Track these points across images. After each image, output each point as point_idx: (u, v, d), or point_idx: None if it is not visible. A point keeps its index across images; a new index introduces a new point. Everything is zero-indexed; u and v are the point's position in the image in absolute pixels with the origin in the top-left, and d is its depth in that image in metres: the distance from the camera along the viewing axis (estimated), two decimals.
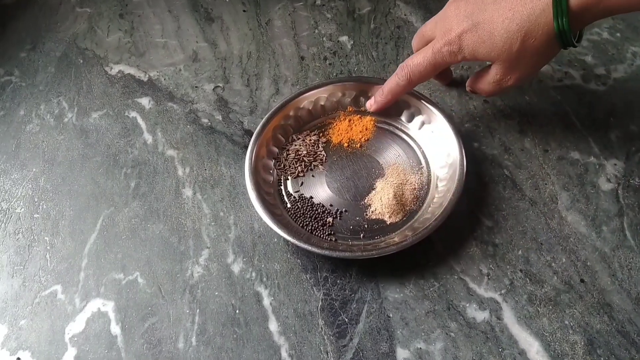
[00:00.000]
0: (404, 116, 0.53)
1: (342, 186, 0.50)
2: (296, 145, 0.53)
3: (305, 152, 0.52)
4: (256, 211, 0.46)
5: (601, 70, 0.58)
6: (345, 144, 0.53)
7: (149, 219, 0.50)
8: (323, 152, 0.52)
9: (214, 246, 0.48)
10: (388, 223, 0.48)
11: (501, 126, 0.54)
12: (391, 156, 0.52)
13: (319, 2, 0.67)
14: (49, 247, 0.48)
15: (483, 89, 0.49)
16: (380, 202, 0.48)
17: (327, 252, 0.44)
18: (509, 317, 0.43)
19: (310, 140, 0.53)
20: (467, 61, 0.57)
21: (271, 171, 0.51)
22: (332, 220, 0.48)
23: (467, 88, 0.52)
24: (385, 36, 0.63)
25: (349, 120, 0.54)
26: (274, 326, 0.43)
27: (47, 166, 0.54)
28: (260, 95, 0.58)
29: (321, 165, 0.52)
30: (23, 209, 0.51)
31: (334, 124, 0.54)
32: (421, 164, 0.51)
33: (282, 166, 0.52)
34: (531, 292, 0.44)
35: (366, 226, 0.48)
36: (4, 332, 0.44)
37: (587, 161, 0.51)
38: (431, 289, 0.45)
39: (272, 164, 0.52)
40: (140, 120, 0.57)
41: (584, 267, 0.45)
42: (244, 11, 0.67)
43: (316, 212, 0.48)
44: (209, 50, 0.63)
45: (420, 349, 0.42)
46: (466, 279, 0.45)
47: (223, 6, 0.68)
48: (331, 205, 0.49)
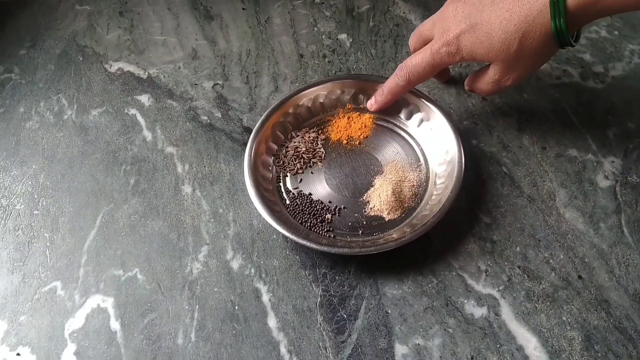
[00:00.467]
0: (402, 113, 0.54)
1: (341, 183, 0.50)
2: (295, 142, 0.53)
3: (304, 149, 0.52)
4: (255, 208, 0.47)
5: (599, 68, 0.58)
6: (344, 141, 0.53)
7: (148, 215, 0.50)
8: (322, 149, 0.52)
9: (213, 242, 0.48)
10: (387, 220, 0.48)
11: (499, 124, 0.54)
12: (390, 153, 0.52)
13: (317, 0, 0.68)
14: (48, 244, 0.49)
15: (481, 89, 0.49)
16: (379, 198, 0.48)
17: (325, 249, 0.44)
18: (506, 313, 0.43)
19: (309, 137, 0.53)
20: (465, 61, 0.57)
21: (270, 168, 0.51)
22: (331, 217, 0.48)
23: (466, 87, 0.53)
24: (384, 34, 0.63)
25: (348, 118, 0.54)
26: (272, 322, 0.44)
27: (47, 163, 0.54)
28: (260, 93, 0.58)
29: (320, 162, 0.52)
30: (23, 206, 0.51)
31: (333, 121, 0.54)
32: (420, 161, 0.51)
33: (281, 163, 0.52)
34: (529, 289, 0.44)
35: (365, 223, 0.48)
36: (3, 328, 0.44)
37: (585, 158, 0.51)
38: (429, 285, 0.45)
39: (271, 160, 0.52)
40: (139, 118, 0.57)
41: (582, 263, 0.45)
42: (243, 9, 0.67)
43: (315, 208, 0.48)
44: (208, 48, 0.63)
45: (419, 344, 0.42)
46: (464, 276, 0.45)
47: (222, 4, 0.68)
48: (330, 202, 0.49)
